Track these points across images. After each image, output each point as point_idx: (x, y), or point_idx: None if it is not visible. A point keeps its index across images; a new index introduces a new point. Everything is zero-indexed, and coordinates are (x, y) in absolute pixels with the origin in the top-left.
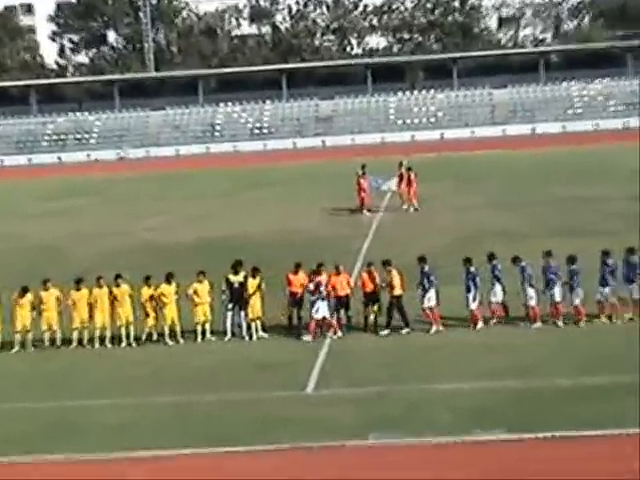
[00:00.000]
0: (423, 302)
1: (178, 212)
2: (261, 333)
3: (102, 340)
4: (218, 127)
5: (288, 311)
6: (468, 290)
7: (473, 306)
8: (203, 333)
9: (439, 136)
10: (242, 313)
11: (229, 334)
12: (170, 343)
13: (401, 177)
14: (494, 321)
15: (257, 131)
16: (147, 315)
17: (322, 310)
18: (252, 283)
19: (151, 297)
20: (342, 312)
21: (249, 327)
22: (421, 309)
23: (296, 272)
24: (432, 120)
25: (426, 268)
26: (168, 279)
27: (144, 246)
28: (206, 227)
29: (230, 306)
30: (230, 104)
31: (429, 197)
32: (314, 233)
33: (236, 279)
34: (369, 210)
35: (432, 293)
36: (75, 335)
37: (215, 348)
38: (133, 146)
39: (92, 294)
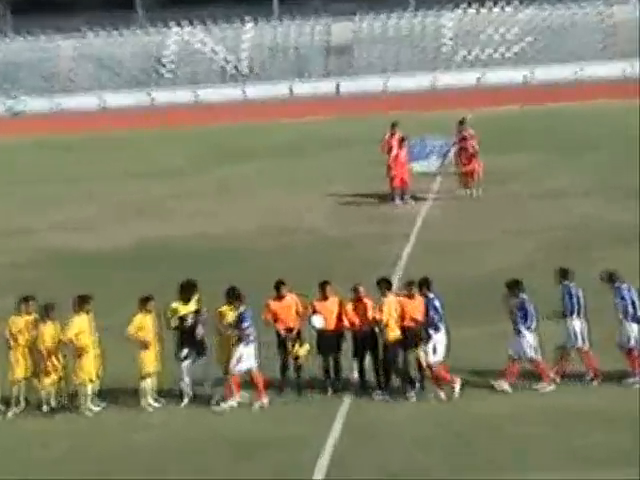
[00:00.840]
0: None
1: (105, 200)
2: (240, 395)
3: None
4: (168, 63)
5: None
6: (521, 321)
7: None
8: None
9: (522, 77)
10: (201, 362)
11: (186, 397)
12: (94, 409)
13: (462, 145)
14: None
15: (232, 70)
16: (48, 367)
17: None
18: (227, 313)
19: (58, 341)
20: (367, 359)
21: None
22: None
23: (280, 297)
24: (512, 51)
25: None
26: (81, 306)
27: (51, 254)
28: (150, 224)
29: (185, 352)
30: (187, 26)
31: (506, 177)
32: (320, 233)
33: (187, 309)
34: (409, 197)
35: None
36: None
37: (166, 419)
38: (32, 93)
39: None
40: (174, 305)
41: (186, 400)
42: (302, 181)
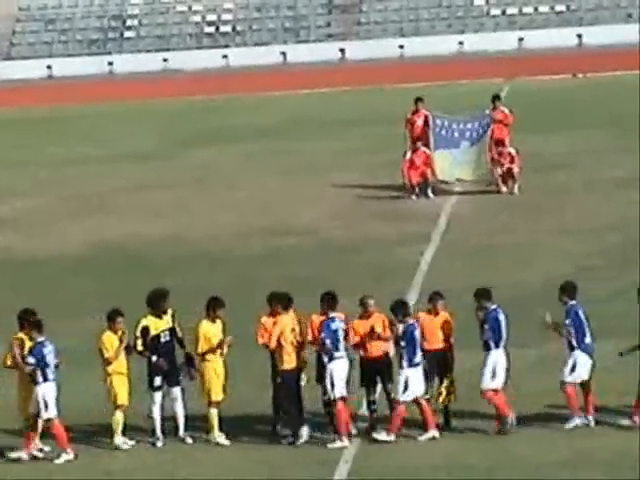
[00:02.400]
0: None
1: (53, 191)
2: (217, 435)
3: None
4: (130, 22)
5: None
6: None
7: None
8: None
9: (577, 39)
10: (177, 393)
11: (159, 436)
12: (37, 453)
13: (496, 127)
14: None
15: (210, 30)
16: None
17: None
18: (209, 331)
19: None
20: (378, 387)
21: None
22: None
23: (273, 313)
24: (557, 8)
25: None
26: (23, 324)
27: None
28: (109, 221)
29: (157, 381)
30: None
31: (551, 164)
32: (320, 234)
33: (161, 326)
34: (430, 190)
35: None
36: None
37: (134, 464)
38: None
39: None
40: (145, 321)
41: (160, 439)
42: (298, 169)
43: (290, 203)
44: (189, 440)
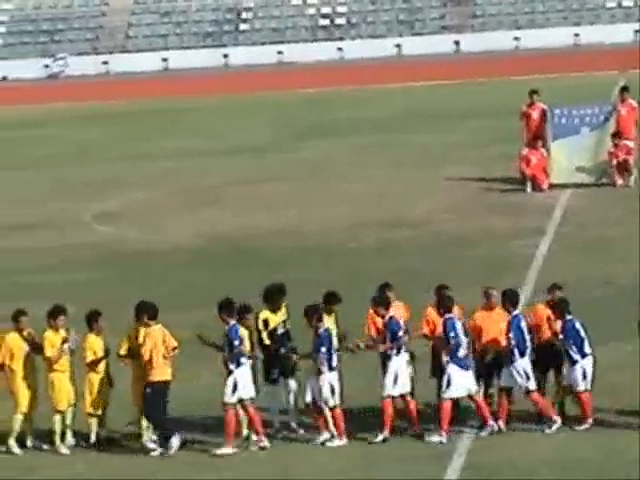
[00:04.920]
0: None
1: (164, 184)
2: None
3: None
4: (246, 15)
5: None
6: None
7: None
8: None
9: None
10: (293, 385)
11: (277, 427)
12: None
13: (620, 118)
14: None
15: (324, 21)
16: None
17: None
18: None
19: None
20: (494, 382)
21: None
22: None
23: (378, 306)
24: None
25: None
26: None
27: (96, 252)
28: (221, 214)
29: (275, 374)
30: None
31: None
32: (433, 228)
33: (276, 320)
34: (541, 186)
35: None
36: None
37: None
38: (75, 51)
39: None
40: (263, 315)
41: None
42: (412, 161)
43: (403, 196)
44: (301, 431)
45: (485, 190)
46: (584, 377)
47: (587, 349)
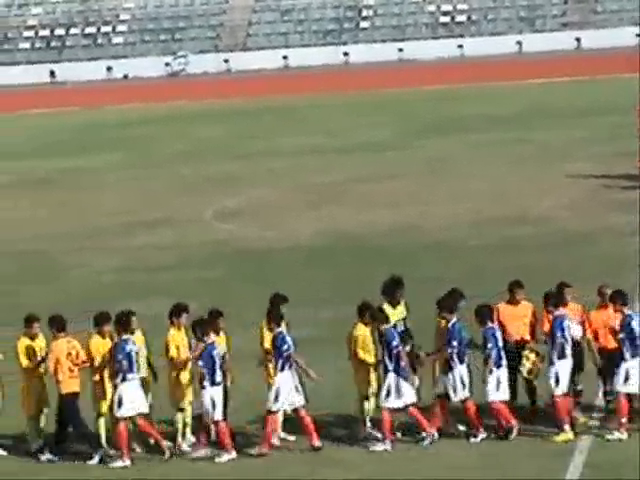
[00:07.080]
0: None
1: (286, 181)
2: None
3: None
4: (366, 12)
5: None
6: None
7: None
8: None
9: None
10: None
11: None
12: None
13: None
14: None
15: (444, 18)
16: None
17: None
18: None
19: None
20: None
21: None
22: None
23: (513, 302)
24: None
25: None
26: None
27: (216, 250)
28: (342, 211)
29: None
30: None
31: None
32: (555, 225)
33: (395, 316)
34: None
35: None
36: None
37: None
38: (197, 50)
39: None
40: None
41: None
42: (532, 159)
43: (524, 193)
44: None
45: (606, 187)
46: None
47: None
